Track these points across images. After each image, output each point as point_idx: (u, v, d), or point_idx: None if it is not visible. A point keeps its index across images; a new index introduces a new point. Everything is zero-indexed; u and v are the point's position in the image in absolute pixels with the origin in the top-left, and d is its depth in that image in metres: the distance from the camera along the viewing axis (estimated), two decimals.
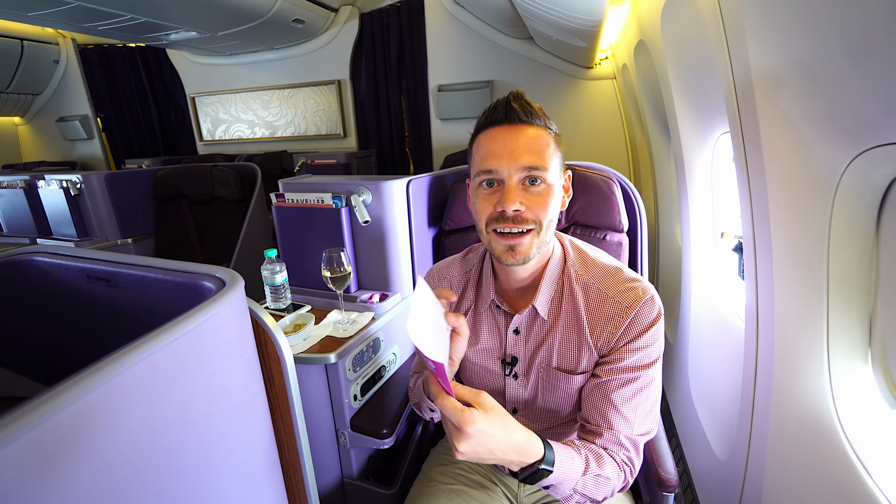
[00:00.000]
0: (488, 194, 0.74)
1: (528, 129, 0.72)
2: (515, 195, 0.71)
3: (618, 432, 0.74)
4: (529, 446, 0.63)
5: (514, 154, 0.71)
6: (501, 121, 0.73)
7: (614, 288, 0.78)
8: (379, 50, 3.83)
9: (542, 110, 0.75)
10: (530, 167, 0.71)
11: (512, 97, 0.74)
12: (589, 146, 3.33)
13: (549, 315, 0.82)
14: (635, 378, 0.75)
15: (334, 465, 1.23)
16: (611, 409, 0.75)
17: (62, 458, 0.33)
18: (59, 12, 2.54)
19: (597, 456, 0.72)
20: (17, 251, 0.73)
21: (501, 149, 0.72)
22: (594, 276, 0.81)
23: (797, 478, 0.83)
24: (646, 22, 1.63)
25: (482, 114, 0.76)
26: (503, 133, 0.73)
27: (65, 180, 2.32)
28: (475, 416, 0.56)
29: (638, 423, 0.75)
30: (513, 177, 0.71)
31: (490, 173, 0.73)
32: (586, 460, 0.70)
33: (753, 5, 0.76)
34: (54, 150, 5.08)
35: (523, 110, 0.72)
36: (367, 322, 1.24)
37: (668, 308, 2.14)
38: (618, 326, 0.76)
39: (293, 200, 1.38)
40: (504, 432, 0.59)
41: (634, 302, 0.75)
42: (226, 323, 0.52)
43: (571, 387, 0.81)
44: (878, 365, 0.74)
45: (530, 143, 0.71)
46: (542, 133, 0.73)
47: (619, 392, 0.75)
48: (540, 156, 0.71)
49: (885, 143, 0.59)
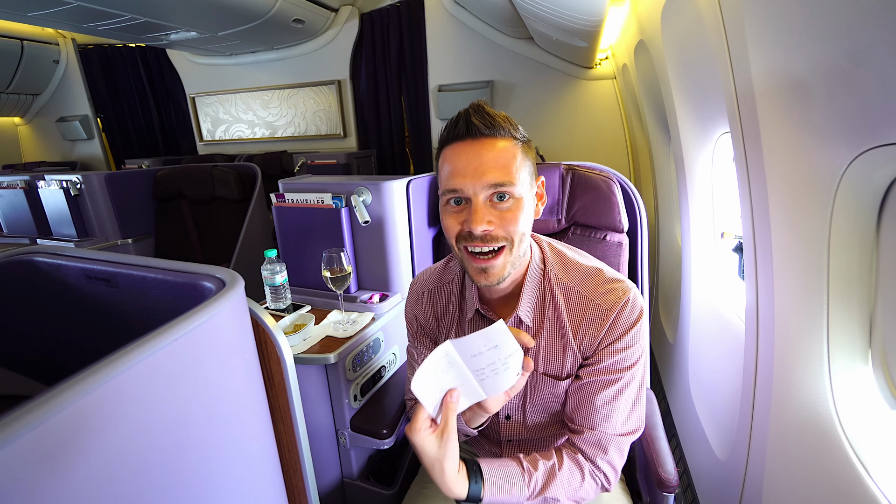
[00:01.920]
0: (456, 212, 0.73)
1: (492, 142, 0.70)
2: (483, 215, 0.69)
3: (599, 432, 0.75)
4: (453, 484, 0.67)
5: (479, 172, 0.68)
6: (463, 136, 0.70)
7: (594, 290, 0.77)
8: (379, 50, 3.83)
9: (506, 119, 0.72)
10: (497, 184, 0.69)
11: (472, 110, 0.71)
12: (589, 146, 3.33)
13: (534, 321, 0.81)
14: (617, 379, 0.75)
15: (334, 466, 1.23)
16: (592, 409, 0.75)
17: (62, 458, 0.33)
18: (60, 12, 2.54)
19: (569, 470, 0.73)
20: (18, 251, 0.73)
21: (465, 166, 0.69)
22: (574, 280, 0.80)
23: (797, 478, 0.83)
24: (646, 22, 1.63)
25: (444, 128, 0.74)
26: (466, 149, 0.70)
27: (65, 180, 2.32)
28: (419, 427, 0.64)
29: (621, 423, 0.75)
30: (479, 195, 0.69)
31: (456, 192, 0.71)
32: (534, 485, 0.71)
33: (754, 5, 0.76)
34: (54, 151, 5.08)
35: (484, 123, 0.69)
36: (367, 322, 1.24)
37: (668, 308, 2.14)
38: (599, 329, 0.76)
39: (293, 200, 1.38)
40: (430, 459, 0.65)
41: (615, 304, 0.75)
42: (226, 323, 0.52)
43: (558, 391, 0.81)
44: (879, 365, 0.74)
45: (495, 158, 0.69)
46: (507, 145, 0.70)
47: (602, 394, 0.75)
48: (506, 171, 0.69)
49: (885, 144, 0.59)
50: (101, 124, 4.87)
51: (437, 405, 0.66)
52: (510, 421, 0.89)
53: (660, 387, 2.12)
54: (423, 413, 0.65)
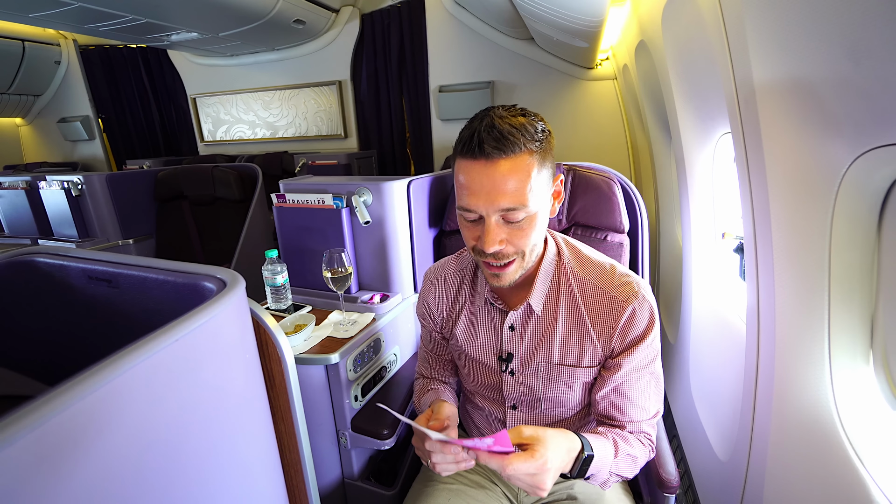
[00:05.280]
0: (471, 224, 0.75)
1: (505, 163, 0.67)
2: (495, 236, 0.71)
3: (639, 422, 0.82)
4: (570, 441, 0.68)
5: (491, 195, 0.68)
6: (476, 155, 0.68)
7: (610, 283, 0.81)
8: (380, 50, 3.83)
9: (523, 127, 0.68)
10: (508, 208, 0.69)
11: (486, 130, 0.67)
12: (590, 147, 3.33)
13: (548, 311, 0.83)
14: (645, 374, 0.81)
15: (335, 466, 1.23)
16: (628, 404, 0.81)
17: (63, 459, 0.33)
18: (61, 13, 2.54)
19: (622, 437, 0.78)
20: (19, 252, 0.73)
21: (479, 188, 0.69)
22: (590, 272, 0.83)
23: (798, 479, 0.83)
24: (647, 22, 1.63)
25: (458, 138, 0.72)
26: (479, 170, 0.68)
27: (66, 181, 2.32)
28: (542, 451, 0.62)
29: (651, 408, 0.83)
30: (491, 216, 0.70)
31: (469, 211, 0.72)
32: (614, 443, 0.76)
33: (755, 6, 0.76)
34: (55, 151, 5.09)
35: (497, 147, 0.66)
36: (368, 322, 1.24)
37: (668, 308, 2.13)
38: (616, 320, 0.79)
39: (294, 201, 1.38)
40: (556, 443, 0.65)
41: (630, 296, 0.78)
42: (227, 324, 0.52)
43: (575, 381, 0.84)
44: (880, 365, 0.74)
45: (507, 180, 0.67)
46: (521, 163, 0.68)
47: (633, 388, 0.80)
48: (518, 194, 0.68)
49: (886, 144, 0.59)
50: (102, 125, 4.87)
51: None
52: (516, 410, 0.91)
53: None
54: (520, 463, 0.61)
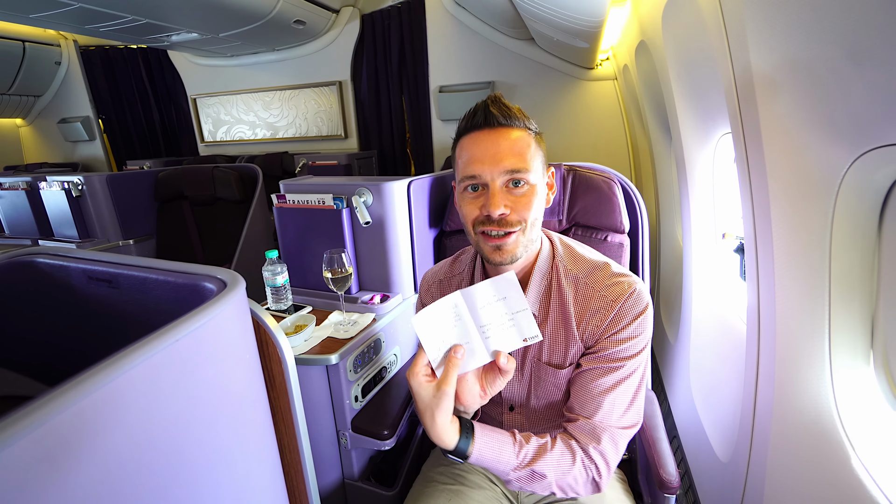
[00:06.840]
0: (474, 198, 0.77)
1: (508, 131, 0.74)
2: (500, 199, 0.73)
3: (594, 421, 0.75)
4: (443, 433, 0.69)
5: (497, 158, 0.73)
6: (481, 125, 0.75)
7: (601, 282, 0.80)
8: (380, 51, 3.84)
9: (520, 111, 0.76)
10: (513, 170, 0.73)
11: (490, 101, 0.75)
12: (590, 147, 3.33)
13: (540, 311, 0.84)
14: (617, 368, 0.75)
15: (335, 466, 1.23)
16: (589, 397, 0.76)
17: (63, 459, 0.33)
18: (61, 14, 2.55)
19: (542, 449, 0.73)
20: (19, 252, 0.73)
21: (483, 153, 0.74)
22: (582, 271, 0.83)
23: (799, 479, 0.83)
24: (647, 23, 1.63)
25: (462, 118, 0.78)
26: (484, 138, 0.74)
27: (66, 182, 2.32)
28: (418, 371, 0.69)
29: (617, 415, 0.75)
30: (496, 180, 0.73)
31: (474, 178, 0.75)
32: (524, 455, 0.72)
33: (754, 6, 0.76)
34: (56, 152, 5.09)
35: (502, 114, 0.74)
36: (368, 323, 1.24)
37: (668, 309, 2.13)
38: (603, 319, 0.78)
39: (294, 201, 1.38)
40: (423, 405, 0.69)
41: (620, 296, 0.77)
42: (227, 324, 0.52)
43: (560, 380, 0.83)
44: (880, 366, 0.74)
45: (511, 146, 0.73)
46: (522, 135, 0.75)
47: (599, 381, 0.76)
48: (521, 158, 0.73)
49: (887, 144, 0.59)
50: (102, 125, 4.88)
51: (439, 358, 0.69)
52: (513, 412, 0.91)
53: (661, 387, 2.12)
54: (424, 359, 0.69)
